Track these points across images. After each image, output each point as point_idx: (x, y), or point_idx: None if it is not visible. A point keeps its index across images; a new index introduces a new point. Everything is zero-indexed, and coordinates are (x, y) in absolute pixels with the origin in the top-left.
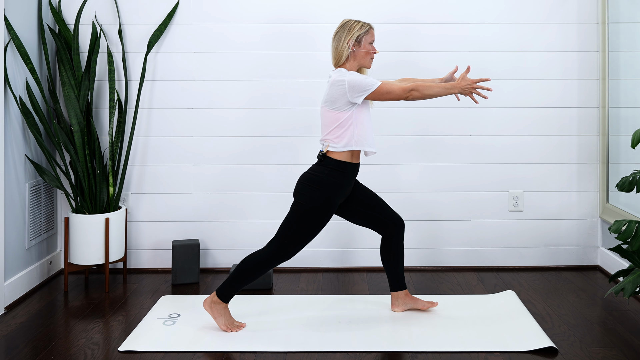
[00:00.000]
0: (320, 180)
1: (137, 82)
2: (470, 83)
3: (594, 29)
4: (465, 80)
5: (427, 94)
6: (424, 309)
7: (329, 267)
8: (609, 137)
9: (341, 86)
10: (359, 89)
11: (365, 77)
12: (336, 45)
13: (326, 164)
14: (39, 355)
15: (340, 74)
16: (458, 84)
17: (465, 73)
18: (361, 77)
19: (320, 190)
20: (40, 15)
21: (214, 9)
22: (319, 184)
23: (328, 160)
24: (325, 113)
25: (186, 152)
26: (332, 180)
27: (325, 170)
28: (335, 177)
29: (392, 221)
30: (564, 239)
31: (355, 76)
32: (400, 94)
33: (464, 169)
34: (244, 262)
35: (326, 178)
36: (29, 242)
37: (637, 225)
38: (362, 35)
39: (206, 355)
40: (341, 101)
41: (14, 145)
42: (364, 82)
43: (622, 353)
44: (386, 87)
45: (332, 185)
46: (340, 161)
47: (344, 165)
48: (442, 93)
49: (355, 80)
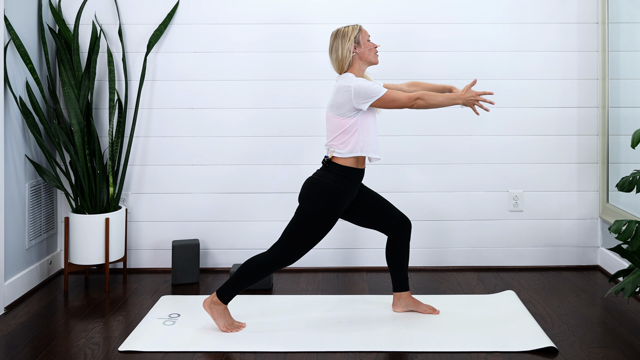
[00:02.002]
0: (325, 185)
1: (137, 82)
2: (474, 95)
3: (594, 29)
4: (470, 92)
5: (431, 104)
6: (424, 312)
7: (329, 267)
8: (609, 137)
9: (347, 92)
10: (365, 96)
11: (372, 83)
12: (336, 56)
13: (331, 170)
14: (39, 355)
15: (347, 80)
16: (462, 95)
17: (471, 85)
18: (367, 83)
19: (325, 196)
20: (40, 15)
21: (214, 9)
22: (324, 190)
23: (333, 165)
24: (331, 118)
25: (186, 152)
26: (338, 186)
27: (330, 176)
28: (341, 182)
29: (399, 222)
30: (564, 239)
31: (361, 82)
32: (406, 102)
33: (464, 169)
34: (247, 265)
35: (331, 184)
36: (29, 242)
37: (637, 225)
38: (357, 35)
39: (206, 355)
40: (347, 107)
41: (14, 145)
42: (370, 89)
43: (622, 353)
44: (391, 95)
45: (337, 190)
46: (346, 167)
47: (349, 171)
48: (446, 103)
49: (361, 86)
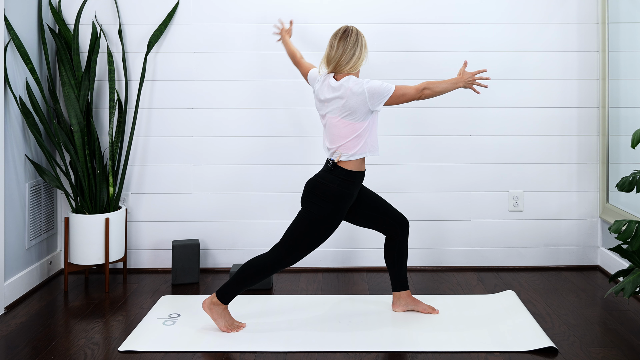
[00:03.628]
0: (330, 190)
1: (137, 82)
2: (470, 76)
3: (594, 29)
4: (467, 74)
5: (437, 91)
6: (423, 312)
7: (329, 267)
8: (609, 137)
9: (361, 96)
10: (379, 96)
11: (381, 82)
12: (360, 54)
13: (337, 174)
14: (39, 355)
15: (357, 84)
16: (461, 77)
17: (464, 67)
18: (377, 82)
19: (331, 201)
20: (40, 15)
21: (214, 9)
22: (329, 195)
23: (339, 170)
24: (340, 124)
25: (186, 152)
26: (343, 191)
27: (336, 180)
28: (346, 187)
29: (397, 222)
30: (564, 239)
31: (372, 83)
32: (414, 94)
33: (464, 169)
34: (248, 266)
35: (337, 188)
36: (29, 242)
37: (637, 225)
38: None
39: (206, 355)
40: (361, 111)
41: (14, 145)
42: (382, 88)
43: (622, 353)
44: (401, 89)
45: (342, 195)
46: (352, 171)
47: (354, 175)
48: (450, 88)
49: (374, 87)
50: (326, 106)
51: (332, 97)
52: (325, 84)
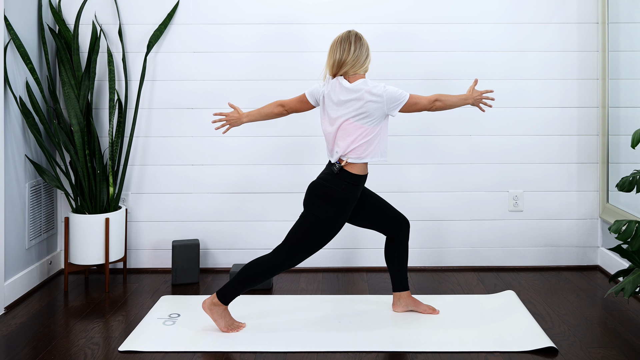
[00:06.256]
0: (335, 194)
1: (137, 82)
2: (479, 94)
3: (594, 29)
4: (476, 92)
5: (448, 104)
6: (424, 312)
7: (329, 267)
8: (609, 137)
9: (380, 98)
10: (395, 101)
11: (396, 88)
12: (367, 54)
13: (343, 178)
14: (39, 355)
15: (376, 86)
16: (471, 95)
17: (474, 85)
18: (394, 88)
19: (335, 205)
20: (40, 15)
21: (213, 10)
22: (333, 198)
23: (345, 173)
24: (352, 128)
25: (186, 152)
26: (348, 195)
27: (342, 184)
28: (351, 191)
29: (397, 222)
30: (564, 239)
31: (389, 88)
32: (426, 104)
33: (464, 169)
34: (250, 267)
35: (342, 192)
36: (29, 242)
37: (637, 225)
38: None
39: (206, 355)
40: (376, 114)
41: (14, 145)
42: (397, 94)
43: (622, 353)
44: (414, 98)
45: (347, 199)
46: (357, 175)
47: (358, 179)
48: (460, 103)
49: (391, 92)
50: (341, 109)
51: (348, 99)
52: (336, 86)
